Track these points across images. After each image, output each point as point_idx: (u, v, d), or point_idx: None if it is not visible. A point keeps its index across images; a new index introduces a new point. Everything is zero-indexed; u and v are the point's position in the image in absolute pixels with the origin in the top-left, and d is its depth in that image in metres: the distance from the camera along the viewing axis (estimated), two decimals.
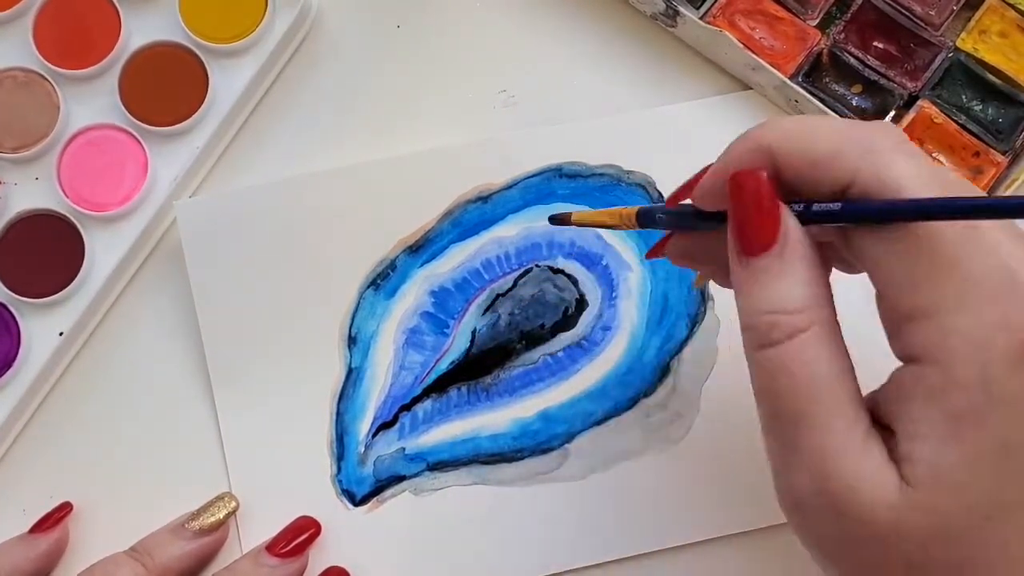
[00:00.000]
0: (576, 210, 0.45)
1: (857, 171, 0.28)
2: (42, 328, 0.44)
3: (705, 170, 0.32)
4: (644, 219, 0.35)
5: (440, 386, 0.44)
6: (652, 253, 0.37)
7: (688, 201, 0.33)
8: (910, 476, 0.27)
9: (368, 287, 0.45)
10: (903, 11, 0.45)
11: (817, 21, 0.46)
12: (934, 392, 0.27)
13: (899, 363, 0.29)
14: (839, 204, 0.29)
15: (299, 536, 0.42)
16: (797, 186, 0.29)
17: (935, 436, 0.27)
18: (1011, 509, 0.27)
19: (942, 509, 0.27)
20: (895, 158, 0.28)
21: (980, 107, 0.45)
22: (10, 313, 0.44)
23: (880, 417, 0.29)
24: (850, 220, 0.29)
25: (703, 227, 0.32)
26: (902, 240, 0.28)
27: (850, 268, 0.32)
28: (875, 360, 0.29)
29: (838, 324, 0.29)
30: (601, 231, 0.45)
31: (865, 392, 0.30)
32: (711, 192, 0.31)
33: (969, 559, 0.27)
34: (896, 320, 0.29)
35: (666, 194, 0.45)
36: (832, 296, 0.30)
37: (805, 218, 0.29)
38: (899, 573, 0.28)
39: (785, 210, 0.29)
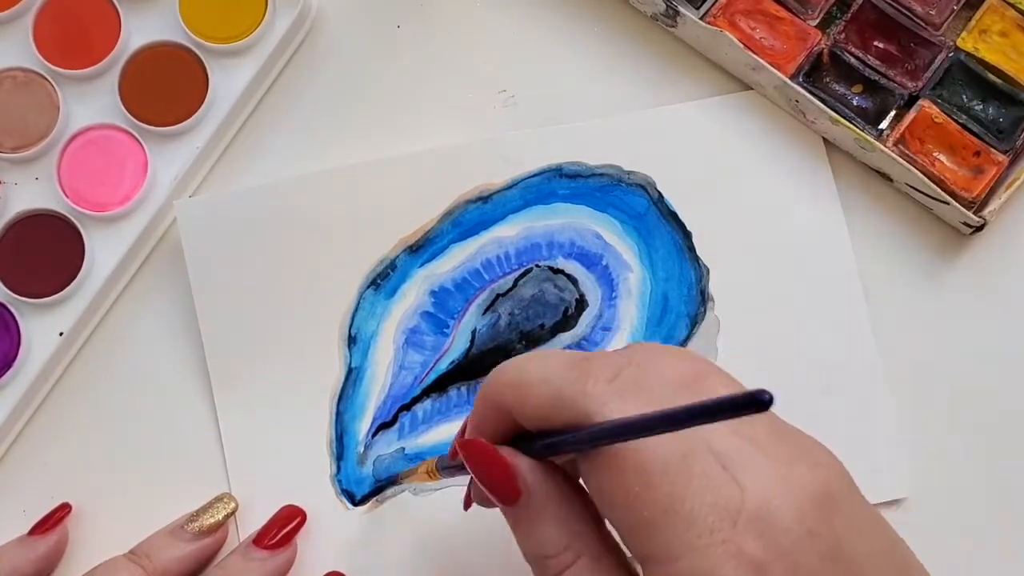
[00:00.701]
0: (577, 208, 0.46)
1: (573, 421, 0.29)
2: (42, 328, 0.44)
3: (464, 429, 0.34)
4: (441, 468, 0.37)
5: (440, 386, 0.44)
6: (466, 503, 0.38)
7: None
8: None
9: (368, 287, 0.45)
10: (903, 11, 0.45)
11: (817, 21, 0.46)
12: None
13: None
14: (543, 441, 0.30)
15: (285, 526, 0.42)
16: (539, 429, 0.31)
17: None
18: None
19: None
20: (605, 403, 0.28)
21: (981, 107, 0.45)
22: (10, 313, 0.44)
23: None
24: (571, 448, 0.30)
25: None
26: (619, 481, 0.28)
27: None
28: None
29: (609, 538, 0.30)
30: (602, 233, 0.45)
31: None
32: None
33: None
34: (636, 558, 0.29)
35: (666, 194, 0.45)
36: (600, 517, 0.31)
37: (538, 453, 0.30)
38: None
39: (521, 461, 0.30)
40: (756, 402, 0.22)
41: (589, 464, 0.29)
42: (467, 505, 0.38)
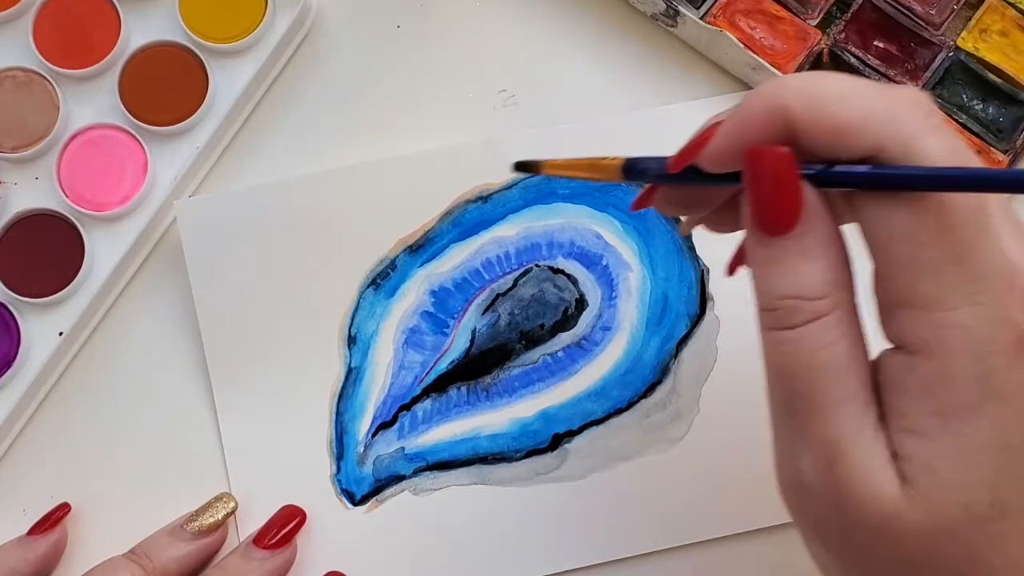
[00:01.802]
0: (576, 208, 0.45)
1: (882, 144, 0.27)
2: (42, 328, 0.44)
3: (714, 127, 0.29)
4: (632, 173, 0.32)
5: (440, 386, 0.44)
6: (639, 204, 0.34)
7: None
8: (907, 473, 0.27)
9: (368, 287, 0.45)
10: (903, 10, 0.45)
11: (817, 21, 0.46)
12: (927, 385, 0.27)
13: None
14: (867, 168, 0.27)
15: (285, 526, 0.42)
16: (813, 150, 0.28)
17: (930, 433, 0.27)
18: (1009, 509, 0.27)
19: (939, 508, 0.26)
20: (923, 133, 0.27)
21: (981, 106, 0.45)
22: (10, 313, 0.44)
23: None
24: (872, 186, 0.27)
25: (709, 185, 0.30)
26: (915, 219, 0.27)
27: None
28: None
29: (857, 307, 0.28)
30: (602, 232, 0.45)
31: None
32: (723, 157, 0.29)
33: (967, 559, 0.27)
34: (892, 304, 0.28)
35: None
36: (853, 276, 0.28)
37: (823, 181, 0.28)
38: (895, 568, 0.28)
39: (808, 189, 0.28)
40: None
41: (878, 198, 0.27)
42: (640, 206, 0.34)
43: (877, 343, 0.28)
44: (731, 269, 0.35)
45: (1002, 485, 0.26)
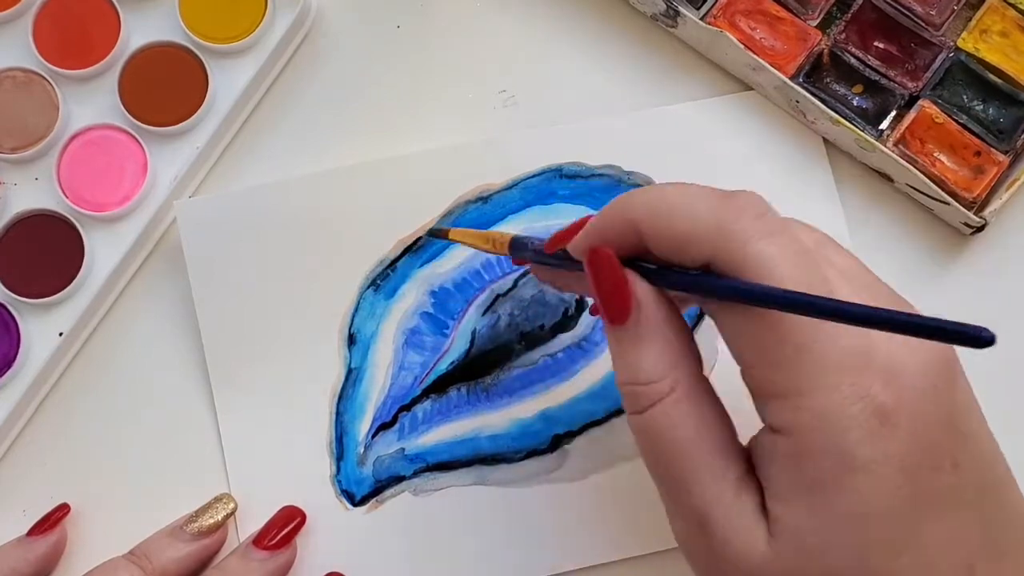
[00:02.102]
0: (577, 208, 0.45)
1: (713, 254, 0.29)
2: (42, 328, 0.44)
3: (584, 220, 0.33)
4: (516, 249, 0.36)
5: (440, 387, 0.44)
6: (534, 272, 0.38)
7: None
8: (775, 532, 0.29)
9: (368, 287, 0.45)
10: (904, 11, 0.45)
11: (818, 21, 0.46)
12: (792, 459, 0.28)
13: None
14: (694, 274, 0.29)
15: (285, 527, 0.42)
16: (667, 258, 0.30)
17: (794, 502, 0.28)
18: (877, 574, 0.28)
19: (802, 571, 0.28)
20: (752, 238, 0.28)
21: (981, 107, 0.45)
22: (10, 313, 0.44)
23: (754, 467, 0.30)
24: (702, 293, 0.30)
25: (569, 267, 0.33)
26: (753, 320, 0.28)
27: None
28: None
29: (703, 378, 0.31)
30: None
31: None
32: (584, 250, 0.32)
33: None
34: (757, 392, 0.30)
35: None
36: (696, 349, 0.31)
37: (666, 281, 0.30)
38: None
39: (638, 282, 0.30)
40: (976, 339, 0.22)
41: (720, 305, 0.29)
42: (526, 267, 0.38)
43: None
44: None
45: (869, 550, 0.28)
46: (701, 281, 0.29)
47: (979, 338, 0.22)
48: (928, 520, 0.28)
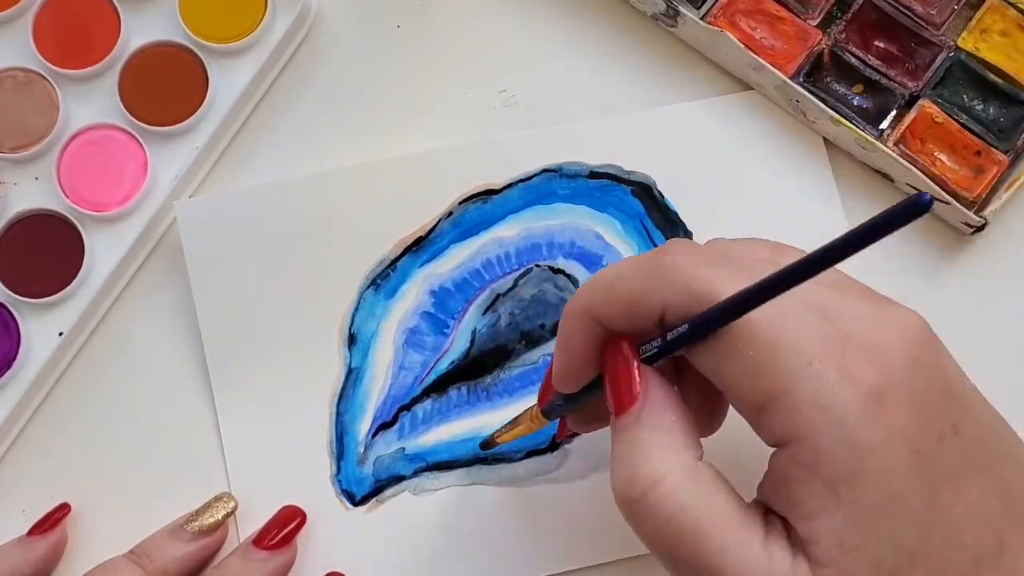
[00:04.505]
0: (577, 208, 0.45)
1: (664, 299, 0.29)
2: (42, 328, 0.44)
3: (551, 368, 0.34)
4: (547, 412, 0.37)
5: (440, 386, 0.44)
6: (560, 435, 0.41)
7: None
8: (815, 556, 0.28)
9: (368, 287, 0.45)
10: (904, 10, 0.45)
11: (818, 21, 0.46)
12: (807, 467, 0.28)
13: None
14: (685, 325, 0.29)
15: (286, 527, 0.42)
16: (627, 328, 0.31)
17: (823, 508, 0.28)
18: (916, 555, 0.28)
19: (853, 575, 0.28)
20: (691, 271, 0.29)
21: (981, 106, 0.45)
22: (10, 313, 0.44)
23: (772, 507, 0.30)
24: (675, 349, 0.30)
25: (589, 396, 0.34)
26: (725, 345, 0.29)
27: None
28: None
29: (701, 452, 0.30)
30: (603, 232, 0.45)
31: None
32: (564, 377, 0.33)
33: None
34: (750, 414, 0.29)
35: (667, 194, 0.45)
36: (694, 427, 0.31)
37: (663, 352, 0.30)
38: None
39: (641, 370, 0.30)
40: (917, 206, 0.21)
41: (693, 349, 0.30)
42: (561, 436, 0.40)
43: None
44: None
45: (901, 533, 0.27)
46: (668, 344, 0.30)
47: (919, 204, 0.21)
48: (946, 491, 0.28)
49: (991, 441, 0.30)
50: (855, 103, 0.45)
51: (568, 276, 0.45)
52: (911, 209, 0.22)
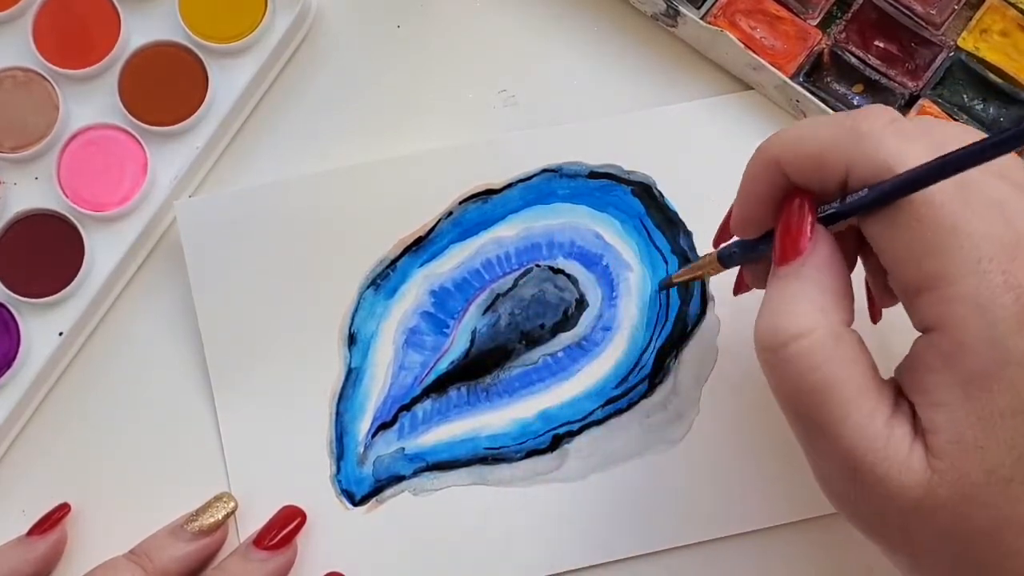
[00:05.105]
0: (576, 208, 0.45)
1: (850, 161, 0.29)
2: (42, 328, 0.44)
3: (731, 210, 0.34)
4: (723, 259, 0.37)
5: (440, 386, 0.44)
6: (737, 289, 0.40)
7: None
8: (933, 446, 0.28)
9: (368, 287, 0.45)
10: (904, 10, 0.45)
11: (818, 21, 0.46)
12: (946, 358, 0.28)
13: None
14: (865, 190, 0.29)
15: (285, 527, 0.42)
16: (808, 185, 0.31)
17: (951, 402, 0.28)
18: None
19: (965, 475, 0.28)
20: (882, 139, 0.29)
21: (981, 106, 0.45)
22: (10, 313, 0.44)
23: (903, 390, 0.30)
24: (851, 213, 0.30)
25: (766, 249, 0.34)
26: (901, 218, 0.29)
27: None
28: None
29: (851, 319, 0.30)
30: (602, 232, 0.45)
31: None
32: (742, 222, 0.34)
33: (999, 521, 0.28)
34: (907, 294, 0.29)
35: (667, 195, 0.45)
36: (851, 294, 0.31)
37: (840, 215, 0.30)
38: (936, 543, 0.29)
39: (811, 225, 0.31)
40: None
41: (867, 218, 0.30)
42: (739, 291, 0.40)
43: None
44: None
45: (1021, 446, 0.27)
46: (846, 207, 0.30)
47: None
48: None
49: None
50: (855, 103, 0.45)
51: (568, 276, 0.45)
52: None
